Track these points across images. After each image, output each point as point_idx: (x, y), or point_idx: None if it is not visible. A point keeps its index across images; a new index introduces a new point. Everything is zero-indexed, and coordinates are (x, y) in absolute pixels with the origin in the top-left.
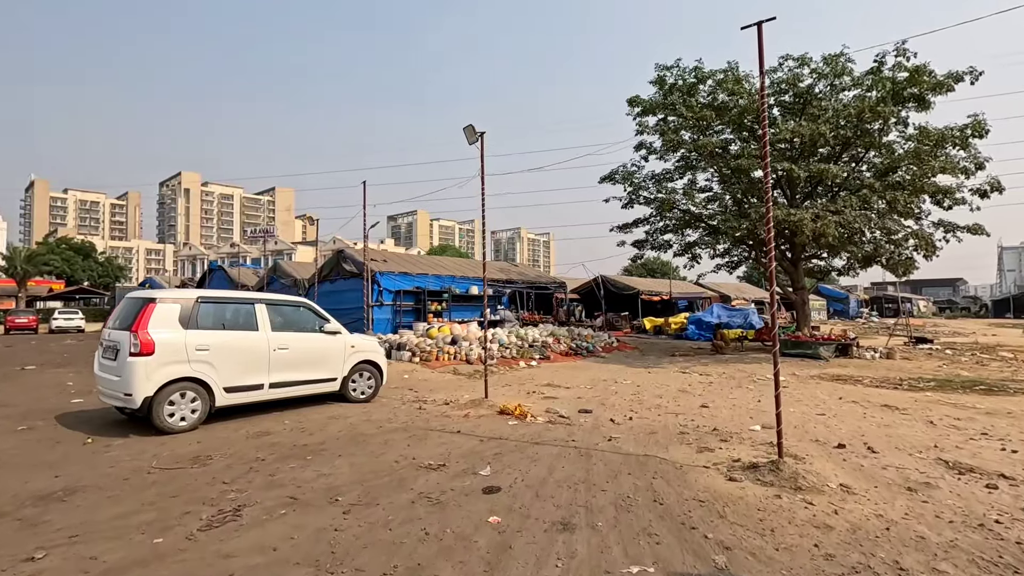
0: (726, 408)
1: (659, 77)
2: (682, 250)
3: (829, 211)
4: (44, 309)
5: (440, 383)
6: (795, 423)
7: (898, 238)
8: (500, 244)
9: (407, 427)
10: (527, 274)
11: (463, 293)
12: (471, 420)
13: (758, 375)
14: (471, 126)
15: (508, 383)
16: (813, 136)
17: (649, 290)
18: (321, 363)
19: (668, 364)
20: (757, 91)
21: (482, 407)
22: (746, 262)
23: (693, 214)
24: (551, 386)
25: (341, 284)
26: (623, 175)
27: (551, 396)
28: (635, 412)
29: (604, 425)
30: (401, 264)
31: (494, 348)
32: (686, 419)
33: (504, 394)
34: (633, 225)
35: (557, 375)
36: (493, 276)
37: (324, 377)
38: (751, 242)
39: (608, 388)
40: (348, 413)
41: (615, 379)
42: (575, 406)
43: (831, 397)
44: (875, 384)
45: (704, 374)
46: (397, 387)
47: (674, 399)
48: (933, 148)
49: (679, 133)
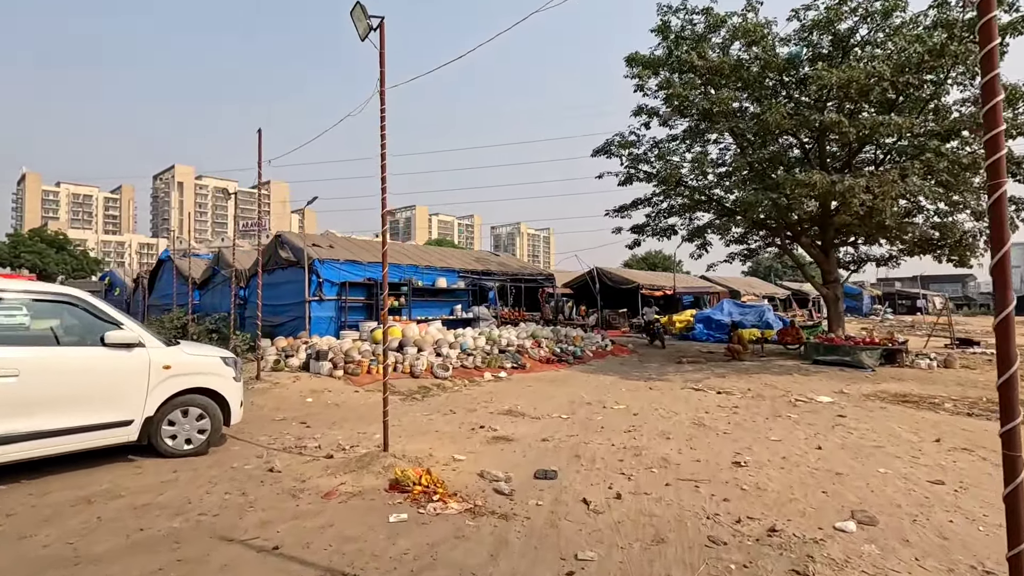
0: (774, 467)
1: (662, 23)
2: (689, 236)
3: (886, 180)
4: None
5: (353, 410)
6: (906, 506)
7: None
8: (500, 239)
9: (196, 528)
10: (509, 265)
11: (428, 286)
12: (331, 508)
13: (795, 393)
14: (360, 5)
15: (453, 408)
16: (868, 79)
17: (650, 284)
18: (93, 398)
19: (674, 374)
20: (783, 40)
21: (372, 469)
22: (764, 250)
23: (703, 193)
24: (511, 414)
25: (279, 275)
26: (620, 144)
27: (503, 436)
28: (628, 476)
29: (571, 515)
30: (350, 251)
31: (452, 355)
32: (714, 496)
33: (431, 432)
34: (632, 207)
35: (526, 394)
36: (468, 266)
37: (100, 422)
38: (773, 224)
39: (591, 419)
40: (125, 487)
41: (603, 401)
42: (534, 459)
43: (922, 438)
44: (964, 410)
45: (723, 391)
46: (284, 418)
47: (688, 443)
48: (1005, 107)
49: (690, 92)
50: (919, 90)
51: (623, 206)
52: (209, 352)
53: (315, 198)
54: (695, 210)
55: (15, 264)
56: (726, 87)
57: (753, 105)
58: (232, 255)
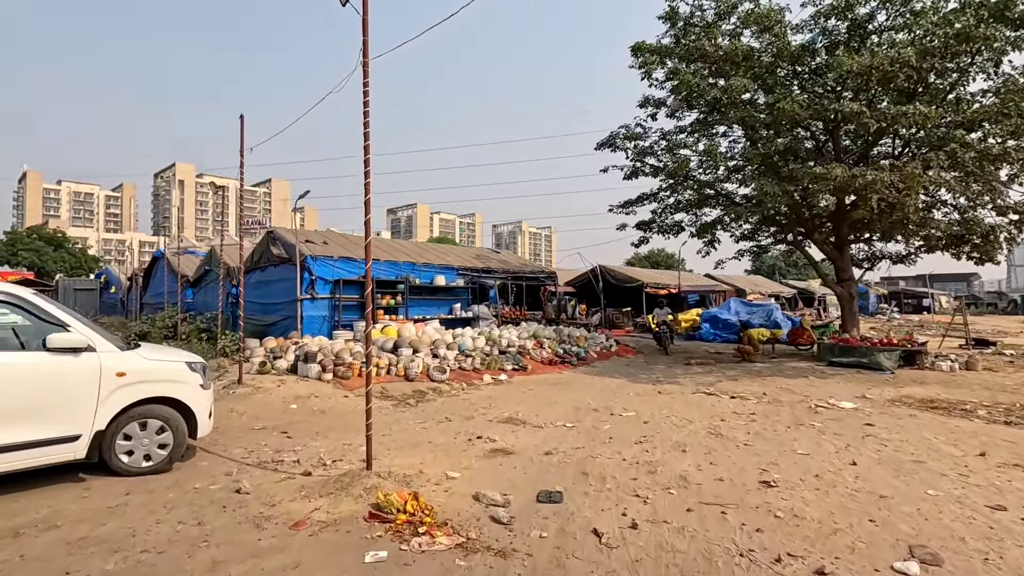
0: (807, 488)
1: (670, 10)
2: (697, 232)
3: (911, 173)
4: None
5: (341, 418)
6: (970, 540)
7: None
8: (501, 238)
9: (132, 571)
10: (510, 262)
11: (426, 284)
12: (299, 542)
13: (815, 398)
14: None
15: (448, 415)
16: (892, 65)
17: (655, 282)
18: (31, 411)
19: (683, 377)
20: (795, 28)
21: (352, 491)
22: (774, 247)
23: (712, 187)
24: (511, 422)
25: (271, 272)
26: (626, 136)
27: (502, 448)
28: (643, 499)
29: (579, 551)
30: (345, 247)
31: (450, 357)
32: (744, 526)
33: (423, 443)
34: (637, 203)
35: (528, 399)
36: (468, 264)
37: (39, 438)
38: (784, 220)
39: (598, 428)
40: (64, 515)
41: (610, 407)
42: (536, 476)
43: (964, 451)
44: (1000, 418)
45: (737, 396)
46: (263, 427)
47: (706, 457)
48: None
49: (700, 81)
50: (942, 77)
51: (628, 201)
52: (172, 357)
53: (307, 192)
54: (703, 205)
55: (12, 262)
56: (736, 76)
57: (765, 95)
58: (223, 252)
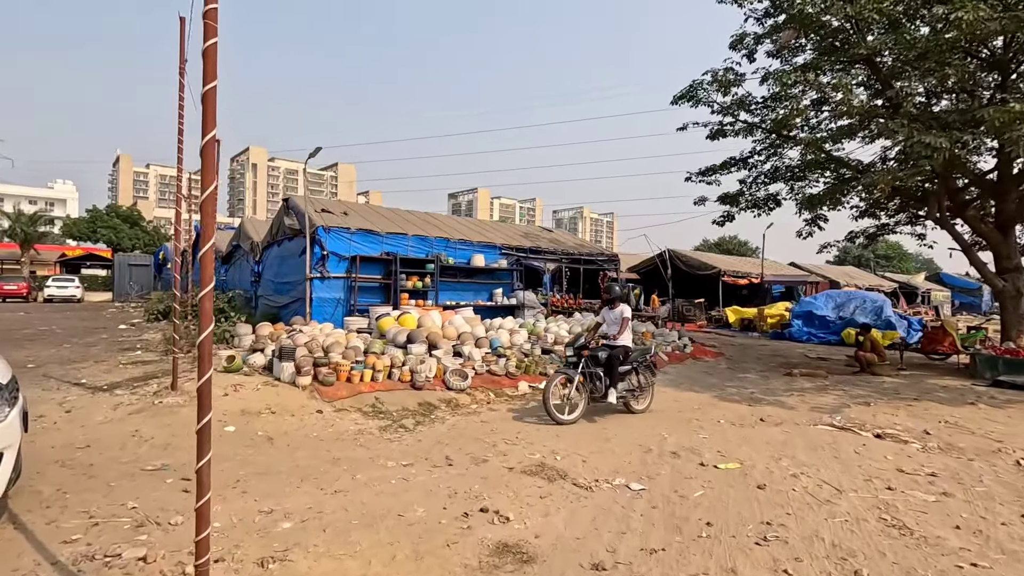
0: None
1: None
2: (808, 203)
3: None
4: (47, 276)
5: (292, 451)
6: None
7: None
8: (562, 223)
9: None
10: (563, 242)
11: (462, 264)
12: None
13: (1011, 444)
14: None
15: (452, 453)
16: None
17: (733, 270)
18: None
19: (787, 395)
20: None
21: None
22: (902, 225)
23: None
24: (543, 474)
25: (287, 247)
26: (717, 81)
27: (516, 545)
28: None
29: None
30: (367, 218)
31: (476, 356)
32: None
33: (388, 518)
34: (722, 169)
35: (574, 427)
36: (513, 242)
37: None
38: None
39: (685, 496)
40: None
41: (697, 448)
42: None
43: None
44: None
45: (886, 434)
46: (160, 467)
47: None
48: None
49: None
50: None
51: (710, 168)
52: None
53: (319, 148)
54: (815, 170)
55: (93, 238)
56: None
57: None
58: (251, 224)
